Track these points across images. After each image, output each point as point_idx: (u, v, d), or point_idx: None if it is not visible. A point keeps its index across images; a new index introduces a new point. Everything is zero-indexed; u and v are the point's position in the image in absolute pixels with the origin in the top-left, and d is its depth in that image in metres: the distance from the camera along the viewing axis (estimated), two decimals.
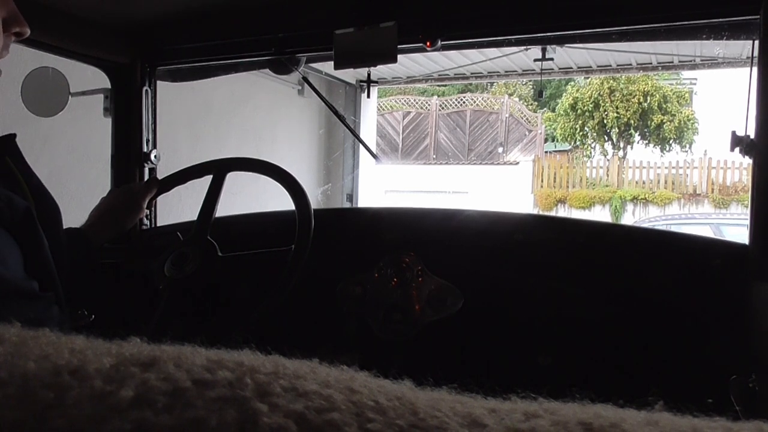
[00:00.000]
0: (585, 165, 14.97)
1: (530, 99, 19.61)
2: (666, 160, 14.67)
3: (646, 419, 0.29)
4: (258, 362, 0.31)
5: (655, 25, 1.48)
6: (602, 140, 16.46)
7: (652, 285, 1.51)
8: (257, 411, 0.27)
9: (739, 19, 1.38)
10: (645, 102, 15.62)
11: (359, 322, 1.73)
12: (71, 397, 0.27)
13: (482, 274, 1.67)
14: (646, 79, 15.37)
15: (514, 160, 14.88)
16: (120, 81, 2.01)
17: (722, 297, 1.39)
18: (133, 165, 2.02)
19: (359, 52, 1.67)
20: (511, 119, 15.35)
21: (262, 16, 1.81)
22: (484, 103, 15.93)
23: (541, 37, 1.64)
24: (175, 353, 0.31)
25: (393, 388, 0.31)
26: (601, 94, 15.88)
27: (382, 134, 15.76)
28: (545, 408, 0.30)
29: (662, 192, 13.42)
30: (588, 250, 1.62)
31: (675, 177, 13.68)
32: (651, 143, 16.20)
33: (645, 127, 16.01)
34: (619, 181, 14.14)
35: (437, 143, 15.75)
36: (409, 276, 1.69)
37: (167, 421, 0.26)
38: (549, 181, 14.31)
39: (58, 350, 0.31)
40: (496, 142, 15.34)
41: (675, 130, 15.75)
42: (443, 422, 0.27)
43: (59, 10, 1.73)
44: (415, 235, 1.76)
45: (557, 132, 17.18)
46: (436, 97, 17.15)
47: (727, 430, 0.28)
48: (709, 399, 1.08)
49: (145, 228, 2.02)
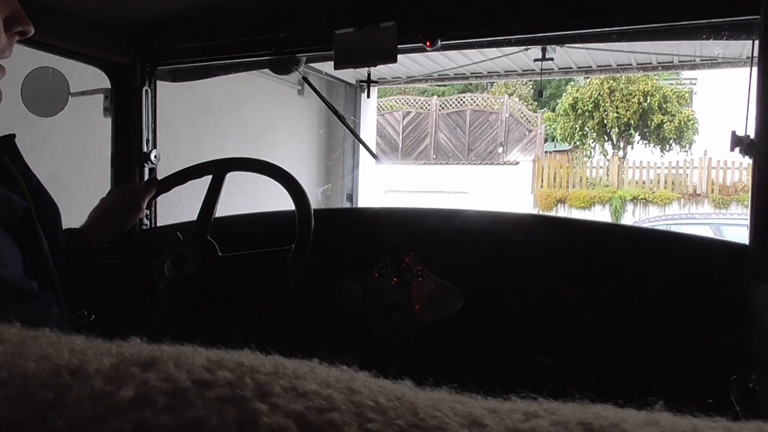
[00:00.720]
0: (585, 165, 14.95)
1: (530, 99, 19.59)
2: (666, 160, 14.68)
3: (646, 419, 0.29)
4: (258, 362, 0.31)
5: (655, 25, 1.48)
6: (602, 140, 16.45)
7: (652, 285, 1.51)
8: (257, 411, 0.27)
9: (739, 19, 1.38)
10: (645, 102, 15.62)
11: (359, 322, 1.73)
12: (71, 397, 0.27)
13: (482, 273, 1.67)
14: (646, 79, 15.36)
15: (514, 160, 14.87)
16: (120, 81, 2.01)
17: (722, 297, 1.39)
18: (133, 165, 2.02)
19: (359, 52, 1.67)
20: (511, 119, 15.34)
21: (262, 16, 1.81)
22: (484, 103, 15.91)
23: (541, 37, 1.64)
24: (175, 353, 0.32)
25: (393, 388, 0.31)
26: (601, 94, 15.87)
27: (382, 134, 15.75)
28: (545, 408, 0.30)
29: (662, 192, 13.42)
30: (588, 249, 1.62)
31: (675, 177, 13.68)
32: (651, 143, 16.20)
33: (645, 127, 16.00)
34: (619, 181, 14.13)
35: (437, 143, 15.74)
36: (409, 276, 1.70)
37: (167, 421, 0.26)
38: (549, 181, 14.30)
39: (58, 350, 0.31)
40: (496, 142, 15.33)
41: (675, 130, 15.74)
42: (443, 422, 0.27)
43: (59, 9, 1.73)
44: (415, 235, 1.76)
45: (557, 132, 17.17)
46: (436, 97, 17.14)
47: (728, 430, 0.28)
48: (709, 399, 1.08)
49: (145, 228, 2.02)
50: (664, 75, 16.17)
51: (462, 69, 8.78)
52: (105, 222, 1.70)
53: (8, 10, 0.95)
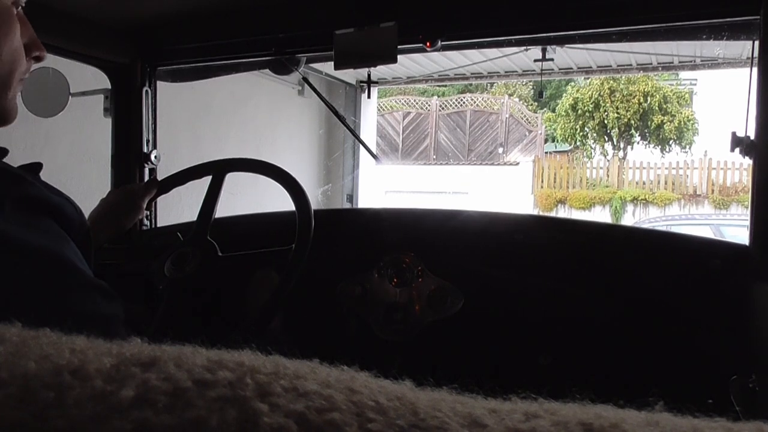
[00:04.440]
0: (585, 166, 14.89)
1: (530, 99, 19.52)
2: (666, 161, 14.61)
3: (647, 419, 0.29)
4: (258, 362, 0.31)
5: (655, 26, 1.48)
6: (602, 141, 16.35)
7: (652, 285, 1.51)
8: (258, 411, 0.27)
9: (739, 20, 1.38)
10: (645, 102, 15.54)
11: (359, 322, 1.73)
12: (72, 397, 0.27)
13: (482, 274, 1.67)
14: (646, 79, 15.28)
15: (514, 160, 14.83)
16: (120, 81, 2.01)
17: (722, 297, 1.39)
18: (133, 165, 2.03)
19: (359, 52, 1.67)
20: (511, 120, 15.29)
21: (263, 16, 1.82)
22: (484, 104, 15.87)
23: (541, 37, 1.64)
24: (175, 353, 0.32)
25: (393, 388, 0.31)
26: (601, 95, 15.78)
27: (382, 134, 15.73)
28: (546, 408, 0.30)
29: (662, 193, 13.39)
30: (587, 250, 1.62)
31: (675, 178, 13.63)
32: (651, 144, 16.12)
33: (645, 128, 15.92)
34: (620, 182, 14.08)
35: (437, 143, 15.71)
36: (409, 276, 1.70)
37: (168, 420, 0.26)
38: (549, 181, 14.26)
39: (58, 350, 0.31)
40: (496, 142, 15.30)
41: (675, 130, 15.66)
42: (444, 422, 0.27)
43: (59, 10, 1.73)
44: (415, 235, 1.76)
45: (557, 132, 17.07)
46: (436, 97, 17.09)
47: (728, 431, 0.28)
48: (710, 399, 1.09)
49: (145, 228, 2.02)
50: (664, 76, 16.11)
51: (462, 69, 8.78)
52: (104, 222, 1.70)
53: (27, 37, 1.04)
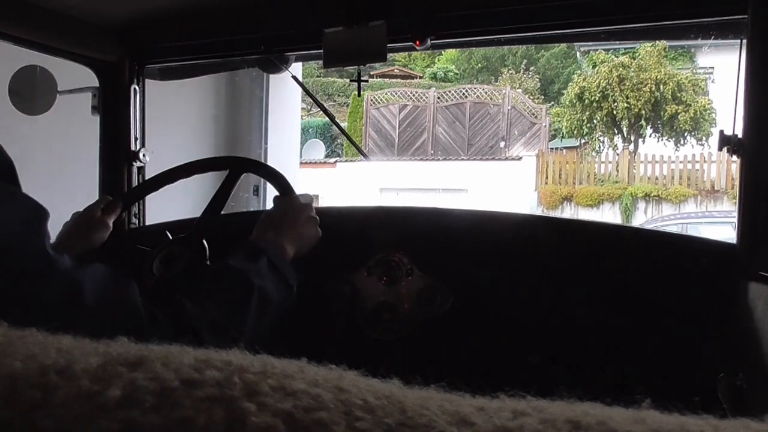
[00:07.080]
0: (593, 160, 13.94)
1: (536, 92, 18.57)
2: (681, 154, 13.45)
3: (634, 417, 0.29)
4: (246, 361, 0.31)
5: (643, 25, 1.49)
6: (611, 133, 14.73)
7: (640, 283, 1.51)
8: (245, 410, 0.27)
9: (727, 19, 1.39)
10: (657, 91, 13.91)
11: (348, 320, 1.73)
12: (58, 396, 0.27)
13: (472, 272, 1.68)
14: (658, 66, 13.93)
15: (516, 155, 14.15)
16: (108, 79, 2.00)
17: (710, 296, 1.40)
18: (121, 163, 2.02)
19: (348, 50, 1.67)
20: (514, 111, 14.70)
21: (251, 14, 1.81)
22: (485, 95, 15.31)
23: (531, 36, 1.64)
24: (162, 353, 0.31)
25: (382, 386, 0.31)
26: (609, 83, 14.17)
27: (377, 129, 15.44)
28: (533, 406, 0.30)
29: (677, 188, 12.51)
30: (575, 248, 1.62)
31: (691, 172, 12.68)
32: (664, 136, 14.41)
33: (658, 119, 14.25)
34: (630, 177, 13.13)
35: (435, 138, 15.21)
36: (398, 274, 1.69)
37: (155, 420, 0.26)
38: (554, 177, 13.36)
39: (44, 350, 0.31)
40: (497, 135, 14.72)
41: (690, 121, 13.87)
42: (432, 420, 0.27)
43: (47, 7, 1.72)
44: (404, 233, 1.76)
45: (563, 125, 15.37)
46: (434, 89, 16.54)
47: (715, 428, 0.28)
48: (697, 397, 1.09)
49: (133, 227, 2.01)
50: (678, 63, 14.83)
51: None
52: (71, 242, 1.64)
53: None
